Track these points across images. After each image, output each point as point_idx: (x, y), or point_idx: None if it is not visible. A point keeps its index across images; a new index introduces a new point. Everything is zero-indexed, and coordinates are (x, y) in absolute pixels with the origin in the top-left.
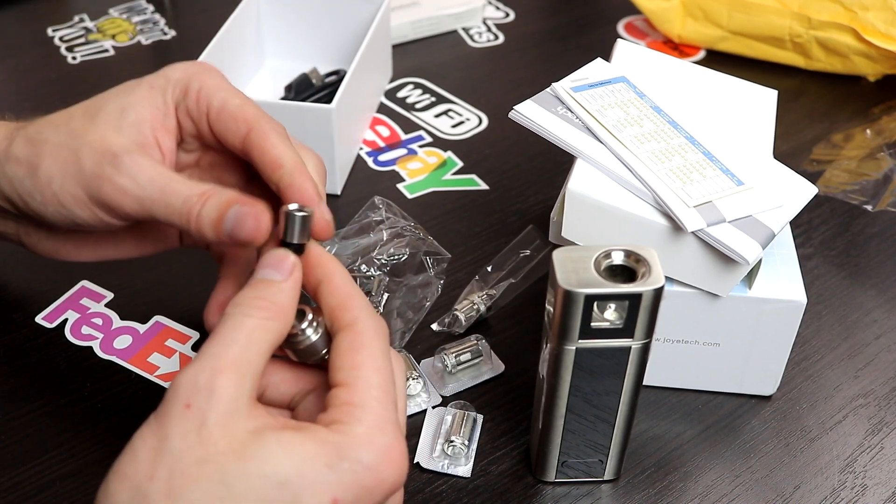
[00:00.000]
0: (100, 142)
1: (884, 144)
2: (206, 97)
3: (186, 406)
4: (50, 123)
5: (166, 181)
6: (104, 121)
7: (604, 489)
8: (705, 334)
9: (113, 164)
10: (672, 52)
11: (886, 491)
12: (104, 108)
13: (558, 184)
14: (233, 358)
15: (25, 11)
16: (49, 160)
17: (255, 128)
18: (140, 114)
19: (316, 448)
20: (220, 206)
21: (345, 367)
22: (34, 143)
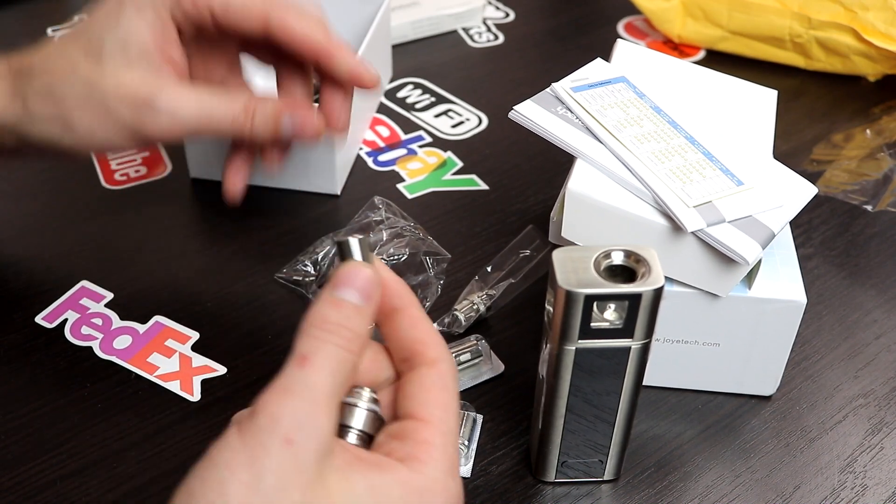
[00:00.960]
0: (122, 88)
1: (884, 144)
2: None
3: (288, 442)
4: (55, 74)
5: (206, 108)
6: (111, 59)
7: (604, 489)
8: (705, 334)
9: (150, 109)
10: (672, 52)
11: (886, 491)
12: (104, 44)
13: (558, 184)
14: (328, 391)
15: (25, 11)
16: (81, 115)
17: (271, 16)
18: (142, 41)
19: (402, 494)
20: (271, 118)
21: (429, 404)
22: (54, 100)
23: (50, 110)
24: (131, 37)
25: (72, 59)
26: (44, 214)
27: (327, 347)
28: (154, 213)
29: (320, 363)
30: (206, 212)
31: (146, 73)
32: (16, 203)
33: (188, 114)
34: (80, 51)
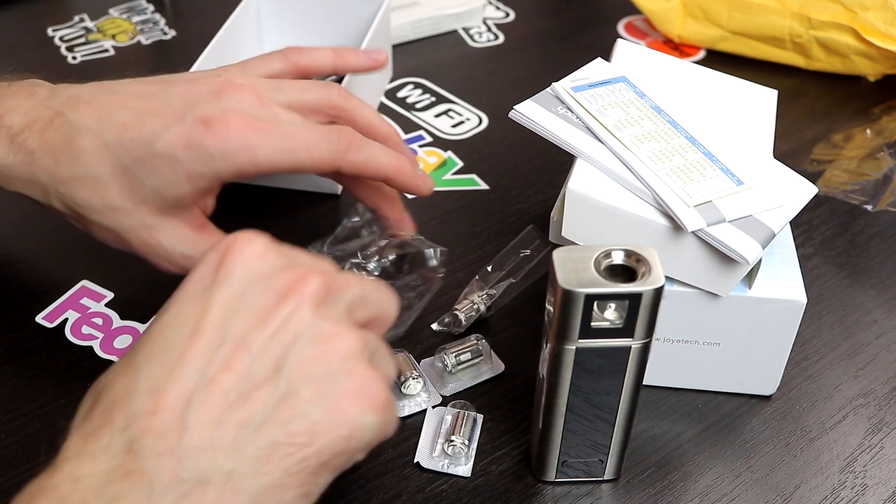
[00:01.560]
0: (145, 233)
1: (884, 144)
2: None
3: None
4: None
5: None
6: (145, 203)
7: (604, 489)
8: (705, 334)
9: (149, 252)
10: (672, 52)
11: (886, 491)
12: (141, 188)
13: (558, 184)
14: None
15: (25, 11)
16: (98, 231)
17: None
18: (181, 197)
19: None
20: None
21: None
22: (76, 213)
23: (71, 213)
24: (173, 194)
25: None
26: (44, 214)
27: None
28: None
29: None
30: None
31: (171, 222)
32: (16, 203)
33: (179, 255)
34: (116, 182)
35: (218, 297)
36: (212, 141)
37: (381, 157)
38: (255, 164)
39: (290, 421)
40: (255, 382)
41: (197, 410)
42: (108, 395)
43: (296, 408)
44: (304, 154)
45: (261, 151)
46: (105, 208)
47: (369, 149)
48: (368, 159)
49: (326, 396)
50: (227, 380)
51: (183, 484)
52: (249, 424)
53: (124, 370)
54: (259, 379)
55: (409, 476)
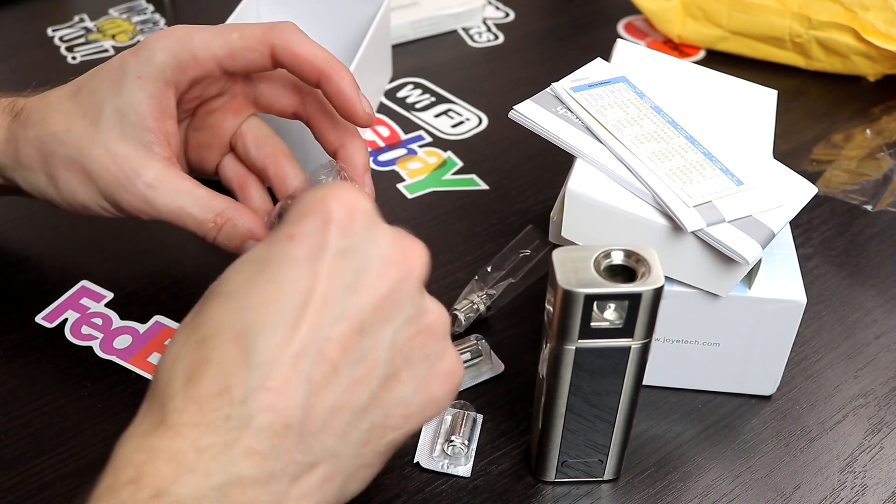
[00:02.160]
0: (109, 158)
1: (884, 144)
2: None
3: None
4: (49, 128)
5: (180, 204)
6: (107, 128)
7: (604, 489)
8: (705, 334)
9: (126, 187)
10: (672, 52)
11: (886, 491)
12: (102, 111)
13: (558, 184)
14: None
15: (25, 11)
16: (65, 173)
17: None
18: (140, 113)
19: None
20: (236, 238)
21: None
22: (43, 154)
23: (38, 163)
24: (130, 108)
25: (68, 115)
26: (44, 214)
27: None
28: None
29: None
30: None
31: (137, 147)
32: (16, 203)
33: (162, 204)
34: (79, 110)
35: (328, 265)
36: (153, 38)
37: (316, 49)
38: (191, 52)
39: (388, 404)
40: (365, 364)
41: (314, 392)
42: (216, 356)
43: (395, 390)
44: (237, 35)
45: (195, 38)
46: (70, 136)
47: (304, 38)
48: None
49: (421, 379)
50: (341, 361)
51: (297, 466)
52: (356, 408)
53: (232, 331)
54: (368, 360)
55: (409, 476)
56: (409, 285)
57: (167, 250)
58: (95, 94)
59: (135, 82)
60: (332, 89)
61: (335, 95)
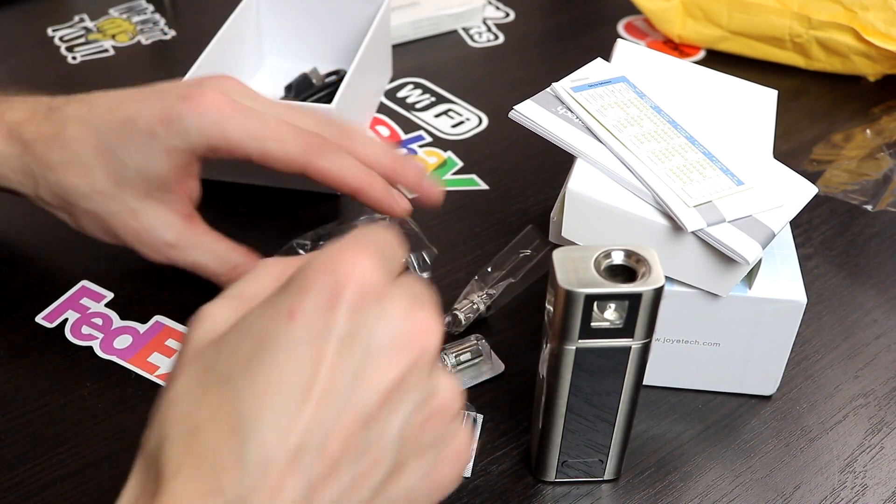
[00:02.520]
0: (130, 215)
1: (884, 144)
2: (238, 147)
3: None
4: (70, 182)
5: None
6: (130, 187)
7: (604, 489)
8: (705, 334)
9: (148, 244)
10: (672, 52)
11: (886, 491)
12: (125, 171)
13: (558, 184)
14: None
15: (25, 11)
16: (88, 221)
17: (308, 167)
18: (163, 178)
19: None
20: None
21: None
22: (65, 201)
23: (58, 202)
24: (155, 174)
25: (90, 170)
26: (44, 214)
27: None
28: None
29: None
30: (206, 212)
31: (158, 207)
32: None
33: (181, 260)
34: (101, 166)
35: (332, 352)
36: (186, 113)
37: (348, 169)
38: (225, 140)
39: (392, 496)
40: (369, 458)
41: (312, 490)
42: (210, 450)
43: (400, 481)
44: (274, 144)
45: (231, 129)
46: (92, 192)
47: (339, 158)
48: (335, 167)
49: (429, 465)
50: (343, 457)
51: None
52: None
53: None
54: (373, 454)
55: None
56: (419, 369)
57: None
58: (119, 154)
59: (163, 153)
60: (366, 201)
61: (371, 204)
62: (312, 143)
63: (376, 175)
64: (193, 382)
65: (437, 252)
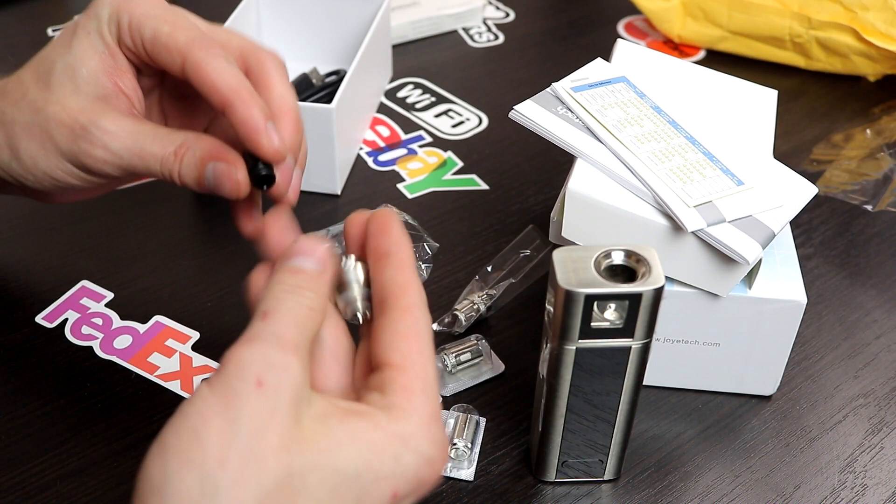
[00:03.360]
0: (63, 112)
1: (884, 144)
2: (137, 29)
3: (259, 384)
4: (9, 99)
5: (140, 145)
6: (59, 84)
7: (604, 489)
8: (705, 334)
9: (84, 137)
10: (672, 52)
11: (886, 491)
12: (54, 70)
13: (558, 184)
14: (295, 340)
15: (25, 11)
16: (25, 142)
17: (187, 59)
18: (90, 66)
19: (383, 440)
20: (197, 164)
21: (405, 350)
22: (4, 126)
23: (0, 136)
24: (80, 63)
25: (24, 84)
26: (44, 214)
27: (289, 302)
28: (154, 213)
29: (283, 315)
30: (206, 212)
31: (91, 100)
32: (16, 203)
33: (121, 146)
34: (32, 75)
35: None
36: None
37: (228, 75)
38: (129, 19)
39: None
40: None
41: None
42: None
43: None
44: (167, 28)
45: (140, 8)
46: (26, 103)
47: (224, 63)
48: (213, 68)
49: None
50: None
51: None
52: None
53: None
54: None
55: None
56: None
57: (167, 250)
58: (47, 56)
59: (84, 38)
60: (235, 119)
61: (240, 125)
62: (203, 40)
63: (258, 98)
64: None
65: (438, 245)
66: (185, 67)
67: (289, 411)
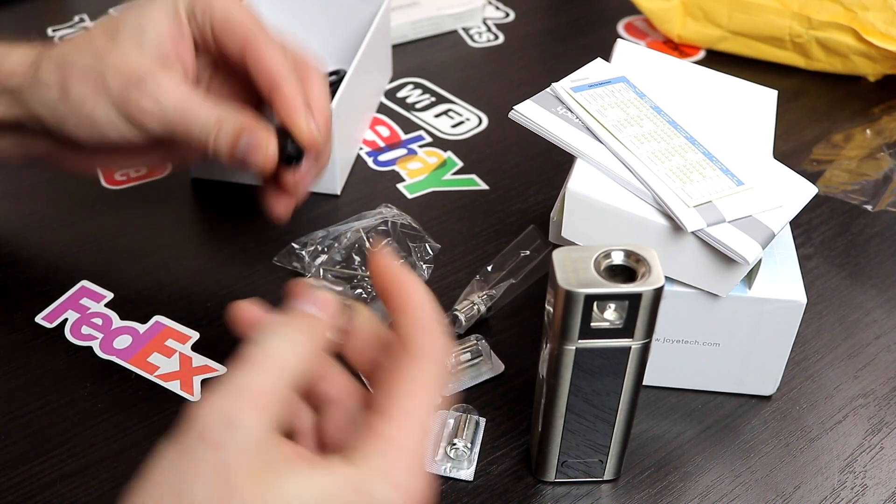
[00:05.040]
0: (123, 62)
1: (884, 144)
2: (209, 9)
3: (202, 438)
4: (74, 46)
5: (187, 105)
6: (126, 39)
7: (604, 489)
8: (705, 334)
9: (138, 86)
10: (672, 52)
11: (886, 491)
12: (123, 26)
13: (558, 184)
14: (259, 389)
15: (25, 11)
16: (78, 83)
17: (249, 39)
18: (158, 30)
19: (336, 487)
20: (233, 133)
21: (396, 397)
22: (62, 67)
23: (54, 76)
24: (149, 24)
25: (91, 35)
26: (44, 214)
27: (265, 345)
28: (154, 213)
29: (254, 360)
30: (206, 212)
31: (151, 58)
32: (16, 203)
33: (170, 104)
34: (101, 28)
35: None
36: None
37: (281, 65)
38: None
39: None
40: None
41: None
42: None
43: None
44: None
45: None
46: (90, 49)
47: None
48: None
49: None
50: None
51: None
52: None
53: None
54: None
55: None
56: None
57: (167, 250)
58: (120, 16)
59: (160, 4)
60: (280, 99)
61: (281, 105)
62: (266, 30)
63: (302, 88)
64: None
65: (439, 246)
66: (245, 48)
67: (236, 466)
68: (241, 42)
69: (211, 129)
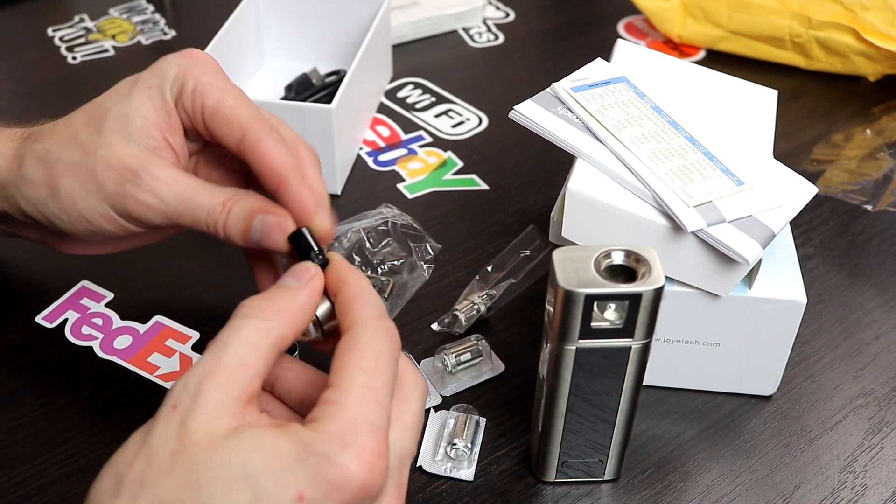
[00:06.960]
0: (113, 157)
1: (884, 144)
2: (200, 96)
3: (173, 407)
4: (56, 139)
5: (189, 194)
6: (111, 130)
7: (604, 489)
8: (705, 334)
9: (133, 182)
10: (672, 52)
11: (886, 491)
12: (108, 115)
13: (558, 184)
14: (225, 362)
15: (25, 11)
16: (67, 181)
17: (248, 134)
18: (145, 118)
19: (286, 443)
20: (245, 216)
21: (335, 369)
22: (47, 164)
23: (40, 174)
24: (135, 113)
25: (74, 126)
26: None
27: (234, 321)
28: None
29: (222, 336)
30: None
31: (142, 150)
32: None
33: (170, 194)
34: (84, 119)
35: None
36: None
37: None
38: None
39: None
40: None
41: None
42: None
43: None
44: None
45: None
46: (75, 144)
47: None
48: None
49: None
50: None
51: None
52: None
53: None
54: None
55: (410, 477)
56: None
57: (167, 250)
58: (102, 103)
59: (144, 91)
60: (290, 197)
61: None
62: (263, 119)
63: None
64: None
65: (440, 246)
66: (243, 142)
67: (195, 425)
68: (238, 136)
69: (218, 215)
